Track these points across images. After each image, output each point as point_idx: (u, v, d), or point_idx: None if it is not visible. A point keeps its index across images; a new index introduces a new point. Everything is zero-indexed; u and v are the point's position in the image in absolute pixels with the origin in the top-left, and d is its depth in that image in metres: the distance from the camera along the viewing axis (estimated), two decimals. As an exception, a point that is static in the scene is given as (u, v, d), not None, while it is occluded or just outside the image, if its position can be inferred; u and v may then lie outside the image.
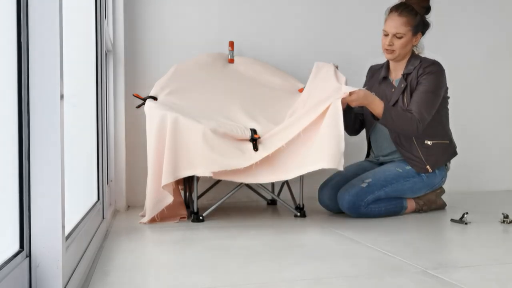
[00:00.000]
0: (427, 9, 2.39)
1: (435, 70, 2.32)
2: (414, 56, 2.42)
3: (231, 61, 2.72)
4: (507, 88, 3.43)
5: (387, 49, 2.36)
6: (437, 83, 2.31)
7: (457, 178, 3.02)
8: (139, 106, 2.42)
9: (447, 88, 2.42)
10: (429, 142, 2.35)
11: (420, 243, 1.69)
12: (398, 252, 1.54)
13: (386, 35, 2.35)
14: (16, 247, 0.93)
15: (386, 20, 2.36)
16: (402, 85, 2.37)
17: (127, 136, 2.66)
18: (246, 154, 2.10)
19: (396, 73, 2.47)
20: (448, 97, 2.45)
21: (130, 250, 1.62)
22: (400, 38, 2.32)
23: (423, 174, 2.35)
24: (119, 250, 1.62)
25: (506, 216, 2.08)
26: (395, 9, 2.35)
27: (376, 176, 2.31)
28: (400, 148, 2.38)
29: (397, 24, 2.32)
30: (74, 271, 1.13)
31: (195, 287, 1.20)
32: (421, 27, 2.37)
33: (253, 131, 2.15)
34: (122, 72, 2.63)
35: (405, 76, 2.38)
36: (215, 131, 2.07)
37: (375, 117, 2.26)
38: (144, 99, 2.31)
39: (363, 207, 2.23)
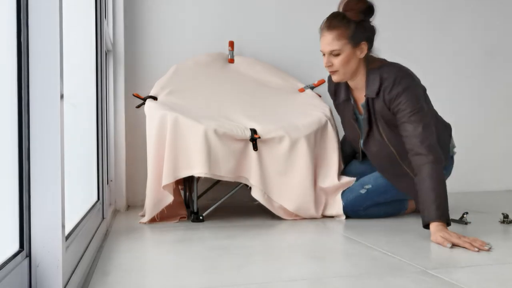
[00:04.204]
0: (366, 13, 1.99)
1: (402, 87, 1.93)
2: (372, 70, 2.03)
3: (231, 61, 2.72)
4: (506, 87, 3.43)
5: (330, 71, 2.06)
6: (413, 98, 1.93)
7: (457, 178, 3.01)
8: (139, 106, 2.42)
9: (424, 89, 2.06)
10: None
11: (420, 243, 1.69)
12: (398, 252, 1.54)
13: (324, 55, 2.03)
14: (16, 247, 0.93)
15: (320, 38, 2.03)
16: (366, 115, 2.07)
17: (127, 136, 2.66)
18: (240, 163, 2.13)
19: (360, 94, 2.13)
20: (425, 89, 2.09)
21: (130, 250, 1.62)
22: (337, 55, 1.99)
23: None
24: (119, 250, 1.62)
25: (506, 216, 2.08)
26: (325, 24, 2.02)
27: (377, 182, 2.19)
28: (386, 175, 2.17)
29: (329, 40, 1.98)
30: (74, 271, 1.13)
31: (195, 287, 1.20)
32: (361, 35, 1.98)
33: (253, 131, 2.16)
34: (122, 72, 2.63)
35: (370, 101, 2.03)
36: (216, 131, 2.08)
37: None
38: (144, 99, 2.31)
39: (361, 211, 2.20)
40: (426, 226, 1.74)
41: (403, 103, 1.92)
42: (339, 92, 2.23)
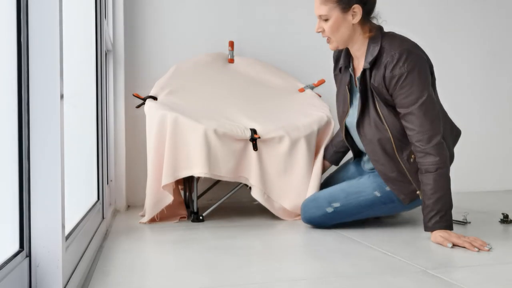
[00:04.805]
0: None
1: (409, 67, 1.72)
2: (373, 38, 1.82)
3: (231, 61, 2.72)
4: (507, 88, 3.43)
5: (324, 37, 1.88)
6: (421, 81, 1.73)
7: (457, 178, 3.01)
8: (139, 106, 2.42)
9: (432, 73, 1.83)
10: (413, 156, 1.81)
11: (420, 243, 1.69)
12: (398, 252, 1.54)
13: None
14: (16, 247, 0.93)
15: None
16: (360, 87, 1.85)
17: (127, 136, 2.66)
18: (240, 163, 2.13)
19: (359, 63, 1.91)
20: (434, 79, 1.87)
21: (130, 250, 1.62)
22: (326, 20, 1.82)
23: None
24: (119, 250, 1.62)
25: (506, 216, 2.08)
26: None
27: (348, 200, 1.94)
28: (379, 166, 1.89)
29: (317, 3, 1.83)
30: (74, 271, 1.13)
31: (195, 287, 1.20)
32: None
33: (253, 131, 2.16)
34: (122, 72, 2.63)
35: (367, 72, 1.82)
36: (216, 131, 2.08)
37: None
38: (144, 99, 2.31)
39: (327, 226, 1.99)
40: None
41: (407, 87, 1.72)
42: (340, 58, 2.03)
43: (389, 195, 1.90)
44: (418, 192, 1.83)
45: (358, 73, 1.92)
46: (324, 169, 2.24)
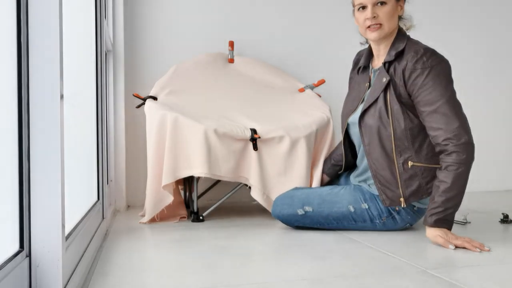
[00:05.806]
0: None
1: (432, 62, 1.73)
2: (400, 35, 1.86)
3: (231, 61, 2.72)
4: (507, 88, 3.43)
5: (370, 26, 1.81)
6: (445, 78, 1.73)
7: (457, 178, 3.01)
8: (139, 106, 2.42)
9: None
10: (410, 163, 1.79)
11: (420, 243, 1.69)
12: (398, 252, 1.54)
13: (363, 7, 1.82)
14: (16, 247, 0.93)
15: None
16: (384, 80, 1.79)
17: (127, 136, 2.66)
18: (240, 163, 2.13)
19: (379, 61, 1.92)
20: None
21: (130, 250, 1.62)
22: (383, 4, 1.79)
23: (377, 221, 1.88)
24: (119, 250, 1.62)
25: (506, 216, 2.08)
26: None
27: (321, 207, 1.91)
28: (372, 160, 1.85)
29: None
30: (74, 271, 1.13)
31: (195, 287, 1.20)
32: None
33: (253, 131, 2.16)
34: (122, 72, 2.64)
35: (386, 65, 1.82)
36: (216, 131, 2.08)
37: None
38: (144, 99, 2.31)
39: (293, 226, 1.99)
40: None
41: (432, 83, 1.71)
42: (359, 61, 2.03)
43: (362, 213, 1.88)
44: (401, 199, 1.79)
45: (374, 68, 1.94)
46: (323, 183, 2.21)
